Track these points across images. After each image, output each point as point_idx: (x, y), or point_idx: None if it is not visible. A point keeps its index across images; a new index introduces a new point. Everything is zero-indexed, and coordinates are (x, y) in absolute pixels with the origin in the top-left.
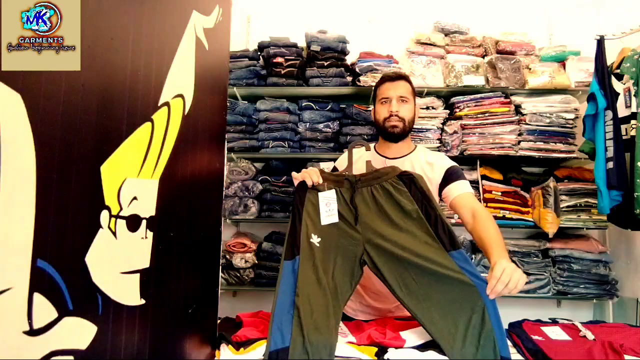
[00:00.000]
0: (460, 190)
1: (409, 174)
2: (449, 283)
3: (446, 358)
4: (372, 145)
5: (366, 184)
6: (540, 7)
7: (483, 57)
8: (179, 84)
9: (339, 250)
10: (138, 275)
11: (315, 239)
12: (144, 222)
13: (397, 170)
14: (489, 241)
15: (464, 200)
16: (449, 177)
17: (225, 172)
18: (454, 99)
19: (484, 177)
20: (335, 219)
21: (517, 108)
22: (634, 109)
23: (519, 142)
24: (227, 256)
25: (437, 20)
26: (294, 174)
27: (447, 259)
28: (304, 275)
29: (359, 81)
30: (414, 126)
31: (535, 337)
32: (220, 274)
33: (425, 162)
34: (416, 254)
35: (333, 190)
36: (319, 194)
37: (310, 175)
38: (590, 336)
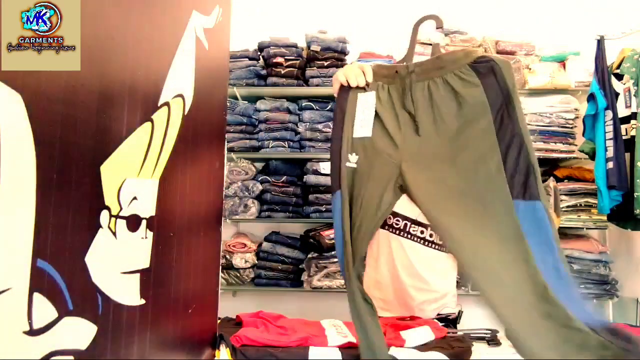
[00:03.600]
0: None
1: (488, 59)
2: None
3: (446, 358)
4: None
5: (423, 76)
6: (540, 7)
7: None
8: (179, 84)
9: (372, 173)
10: (138, 275)
11: (352, 161)
12: (144, 222)
13: (472, 56)
14: None
15: None
16: None
17: (225, 172)
18: None
19: None
20: (367, 131)
21: None
22: (634, 109)
23: None
24: (227, 256)
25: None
26: (336, 75)
27: (508, 209)
28: (344, 215)
29: None
30: None
31: None
32: (220, 274)
33: None
34: (467, 195)
35: (372, 93)
36: (358, 95)
37: (355, 75)
38: None
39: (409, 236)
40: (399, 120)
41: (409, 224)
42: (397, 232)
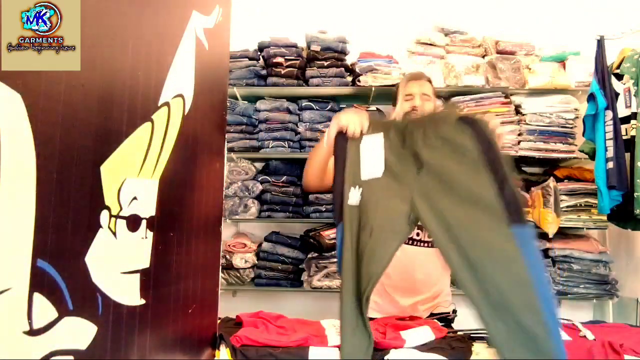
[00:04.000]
0: None
1: (471, 118)
2: (500, 265)
3: (445, 358)
4: None
5: (418, 125)
6: (540, 7)
7: (483, 57)
8: (179, 84)
9: (380, 204)
10: (138, 275)
11: (353, 199)
12: (144, 222)
13: (456, 112)
14: None
15: None
16: None
17: (225, 172)
18: (454, 99)
19: None
20: (380, 170)
21: (517, 108)
22: (634, 109)
23: (519, 142)
24: (227, 256)
25: (437, 20)
26: (334, 121)
27: (505, 233)
28: (345, 246)
29: (359, 81)
30: None
31: None
32: (220, 274)
33: None
34: (470, 218)
35: (380, 134)
36: (364, 137)
37: (354, 123)
38: (590, 336)
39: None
40: (402, 158)
41: None
42: None
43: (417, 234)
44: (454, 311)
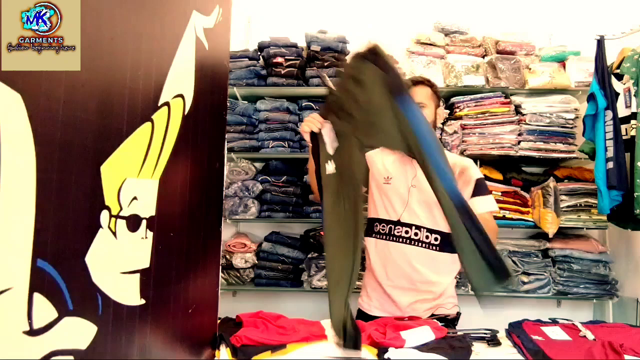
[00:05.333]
0: (482, 209)
1: (368, 52)
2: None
3: (445, 359)
4: None
5: (341, 91)
6: (540, 7)
7: (483, 57)
8: (179, 84)
9: (345, 164)
10: (138, 275)
11: (329, 169)
12: (144, 222)
13: (356, 55)
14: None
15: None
16: (477, 189)
17: (225, 172)
18: (454, 99)
19: (484, 177)
20: (336, 143)
21: (517, 108)
22: (634, 109)
23: (519, 142)
24: (227, 256)
25: (437, 20)
26: (302, 128)
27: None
28: (326, 210)
29: None
30: None
31: (535, 337)
32: (220, 274)
33: (452, 164)
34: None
35: (328, 122)
36: (321, 131)
37: (313, 123)
38: (590, 336)
39: (394, 238)
40: (344, 122)
41: (392, 226)
42: (384, 237)
43: (416, 234)
44: (458, 314)
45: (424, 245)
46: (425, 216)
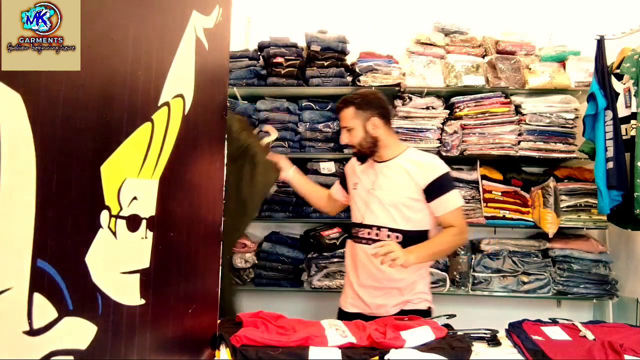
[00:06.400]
0: (443, 210)
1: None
2: None
3: (445, 359)
4: None
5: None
6: (540, 7)
7: (483, 57)
8: (179, 84)
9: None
10: (138, 275)
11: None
12: (144, 222)
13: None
14: (426, 241)
15: (444, 220)
16: (436, 191)
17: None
18: (454, 99)
19: (484, 177)
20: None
21: (517, 108)
22: (634, 109)
23: (519, 142)
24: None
25: (437, 20)
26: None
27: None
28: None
29: (359, 81)
30: (414, 127)
31: (535, 337)
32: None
33: (412, 162)
34: None
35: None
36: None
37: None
38: (590, 336)
39: (360, 240)
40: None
41: (358, 229)
42: (354, 239)
43: (377, 234)
44: (429, 308)
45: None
46: (385, 217)
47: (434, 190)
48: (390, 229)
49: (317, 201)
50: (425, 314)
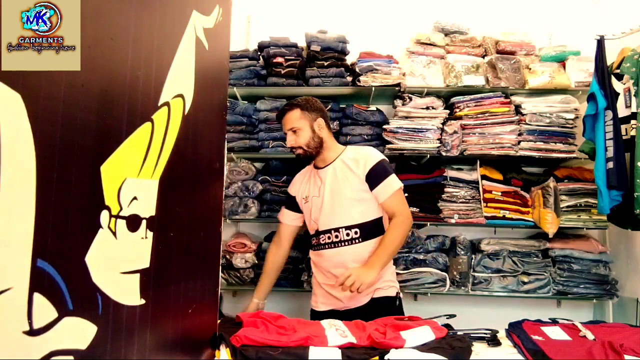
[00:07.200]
0: (385, 195)
1: None
2: None
3: (445, 359)
4: None
5: None
6: (540, 7)
7: (483, 57)
8: (179, 84)
9: None
10: (138, 275)
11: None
12: (144, 222)
13: None
14: (378, 247)
15: (387, 207)
16: (375, 178)
17: (225, 172)
18: (454, 99)
19: (484, 177)
20: None
21: (517, 108)
22: (634, 109)
23: (519, 142)
24: (227, 256)
25: (437, 20)
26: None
27: None
28: None
29: (359, 81)
30: (414, 126)
31: (535, 337)
32: (220, 274)
33: (351, 159)
34: None
35: None
36: None
37: None
38: (590, 336)
39: (322, 247)
40: None
41: (317, 238)
42: (315, 248)
43: (337, 236)
44: (398, 294)
45: (347, 242)
46: (339, 216)
47: (373, 177)
48: (347, 227)
49: (284, 258)
50: (394, 299)
